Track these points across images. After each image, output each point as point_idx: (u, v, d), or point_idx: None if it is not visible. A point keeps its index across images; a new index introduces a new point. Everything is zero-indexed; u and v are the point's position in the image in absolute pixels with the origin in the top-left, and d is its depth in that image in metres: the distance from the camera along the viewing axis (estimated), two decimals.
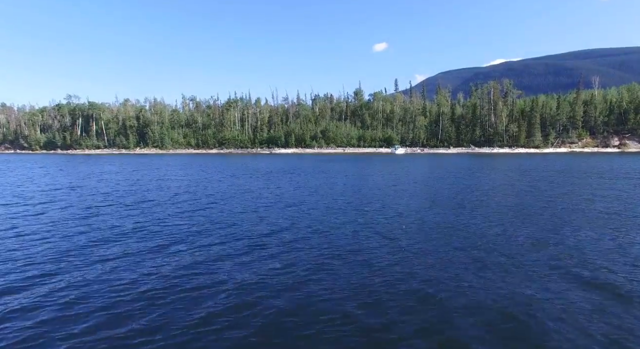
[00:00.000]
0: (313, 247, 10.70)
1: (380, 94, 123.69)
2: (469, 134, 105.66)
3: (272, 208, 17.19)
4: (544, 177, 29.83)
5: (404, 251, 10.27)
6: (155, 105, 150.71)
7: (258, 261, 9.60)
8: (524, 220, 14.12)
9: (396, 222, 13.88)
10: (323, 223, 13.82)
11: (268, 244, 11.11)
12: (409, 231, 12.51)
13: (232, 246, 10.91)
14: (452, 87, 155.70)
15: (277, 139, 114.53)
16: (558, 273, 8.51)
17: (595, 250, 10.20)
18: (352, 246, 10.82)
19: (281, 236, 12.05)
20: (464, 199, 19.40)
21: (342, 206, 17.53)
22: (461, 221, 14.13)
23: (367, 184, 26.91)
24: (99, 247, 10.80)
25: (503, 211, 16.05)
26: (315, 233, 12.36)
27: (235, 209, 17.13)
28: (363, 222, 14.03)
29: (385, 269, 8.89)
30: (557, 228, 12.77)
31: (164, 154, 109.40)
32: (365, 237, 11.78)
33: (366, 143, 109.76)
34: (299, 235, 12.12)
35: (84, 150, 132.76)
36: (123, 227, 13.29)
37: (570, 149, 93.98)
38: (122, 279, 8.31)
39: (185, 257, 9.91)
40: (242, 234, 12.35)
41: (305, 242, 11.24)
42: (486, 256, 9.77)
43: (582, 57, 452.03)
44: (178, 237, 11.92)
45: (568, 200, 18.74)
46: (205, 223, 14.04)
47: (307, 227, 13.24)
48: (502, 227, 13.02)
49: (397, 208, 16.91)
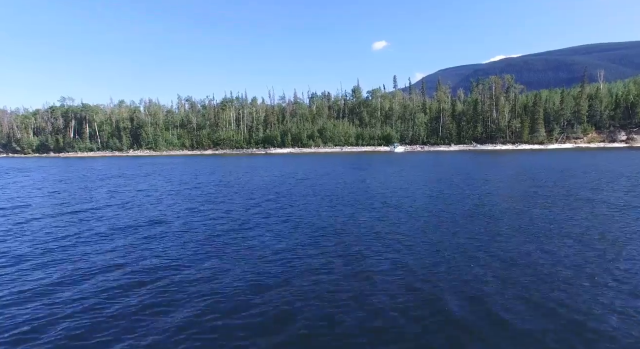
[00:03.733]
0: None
1: (379, 91, 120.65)
2: (471, 131, 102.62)
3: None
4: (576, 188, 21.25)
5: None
6: (150, 106, 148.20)
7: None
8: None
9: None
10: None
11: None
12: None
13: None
14: (452, 84, 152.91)
15: (273, 138, 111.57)
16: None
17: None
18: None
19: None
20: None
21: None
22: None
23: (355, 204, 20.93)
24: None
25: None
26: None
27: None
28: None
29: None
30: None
31: (157, 156, 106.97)
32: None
33: (364, 142, 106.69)
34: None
35: (76, 153, 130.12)
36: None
37: (575, 144, 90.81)
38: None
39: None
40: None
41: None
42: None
43: (582, 53, 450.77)
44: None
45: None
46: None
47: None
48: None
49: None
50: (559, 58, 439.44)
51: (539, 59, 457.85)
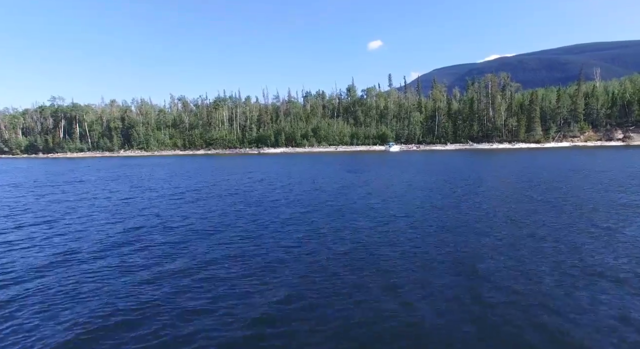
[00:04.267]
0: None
1: (374, 90, 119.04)
2: (467, 130, 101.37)
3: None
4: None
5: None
6: (142, 105, 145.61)
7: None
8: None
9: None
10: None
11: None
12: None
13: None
14: (447, 83, 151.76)
15: (266, 138, 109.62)
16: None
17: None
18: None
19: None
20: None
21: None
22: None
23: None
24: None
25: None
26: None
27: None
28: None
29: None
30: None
31: (148, 156, 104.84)
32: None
33: (359, 141, 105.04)
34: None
35: (66, 153, 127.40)
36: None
37: (572, 143, 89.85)
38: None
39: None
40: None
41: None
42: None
43: (576, 52, 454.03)
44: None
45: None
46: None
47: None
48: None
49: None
50: (553, 57, 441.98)
51: (533, 59, 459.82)
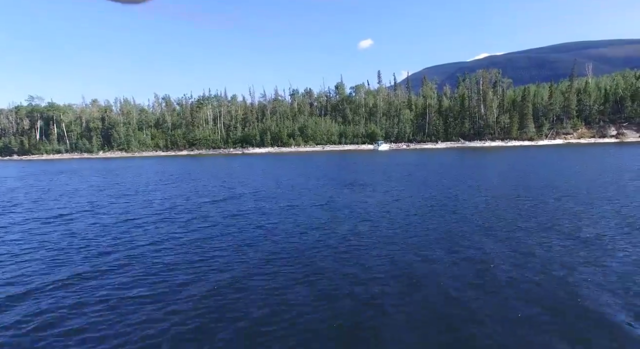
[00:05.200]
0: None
1: (363, 87, 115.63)
2: (458, 127, 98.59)
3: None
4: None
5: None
6: (125, 105, 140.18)
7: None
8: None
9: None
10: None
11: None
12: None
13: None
14: (437, 81, 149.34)
15: (251, 137, 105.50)
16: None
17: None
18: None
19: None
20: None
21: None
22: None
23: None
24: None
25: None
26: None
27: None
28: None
29: None
30: None
31: (128, 158, 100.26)
32: None
33: (348, 140, 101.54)
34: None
35: (42, 155, 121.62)
36: None
37: (566, 140, 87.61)
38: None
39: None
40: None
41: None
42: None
43: (563, 50, 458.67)
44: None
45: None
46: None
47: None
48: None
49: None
50: (541, 56, 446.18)
51: (522, 57, 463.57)
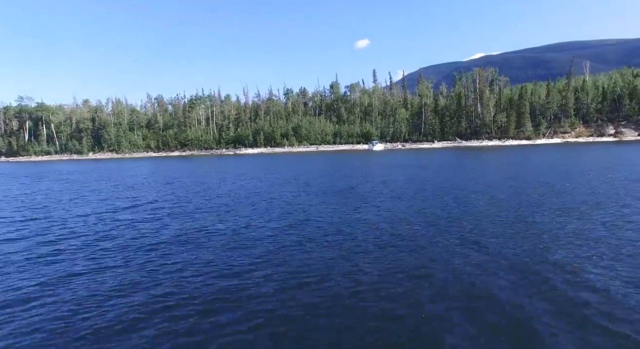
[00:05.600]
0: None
1: (358, 86, 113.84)
2: (454, 127, 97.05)
3: None
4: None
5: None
6: (117, 105, 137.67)
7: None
8: None
9: None
10: None
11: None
12: None
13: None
14: (434, 80, 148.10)
15: (244, 138, 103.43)
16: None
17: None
18: None
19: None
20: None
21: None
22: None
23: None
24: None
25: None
26: None
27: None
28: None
29: None
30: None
31: (118, 159, 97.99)
32: None
33: (342, 140, 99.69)
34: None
35: (31, 157, 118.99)
36: None
37: (563, 139, 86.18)
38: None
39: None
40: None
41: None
42: None
43: (558, 50, 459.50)
44: None
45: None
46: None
47: None
48: None
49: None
50: (536, 56, 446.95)
51: (518, 57, 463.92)
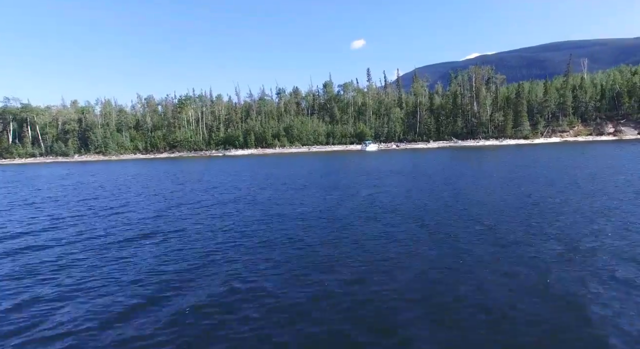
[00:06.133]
0: None
1: (351, 85, 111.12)
2: (450, 126, 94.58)
3: None
4: None
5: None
6: (105, 106, 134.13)
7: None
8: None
9: None
10: None
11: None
12: None
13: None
14: (430, 80, 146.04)
15: (234, 139, 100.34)
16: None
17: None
18: None
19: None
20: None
21: None
22: None
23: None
24: None
25: None
26: None
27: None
28: None
29: None
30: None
31: (106, 161, 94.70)
32: None
33: (336, 140, 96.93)
34: None
35: (14, 159, 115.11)
36: None
37: (562, 138, 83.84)
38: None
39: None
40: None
41: None
42: None
43: (553, 50, 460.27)
44: None
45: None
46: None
47: None
48: None
49: None
50: (531, 55, 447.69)
51: (513, 56, 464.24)
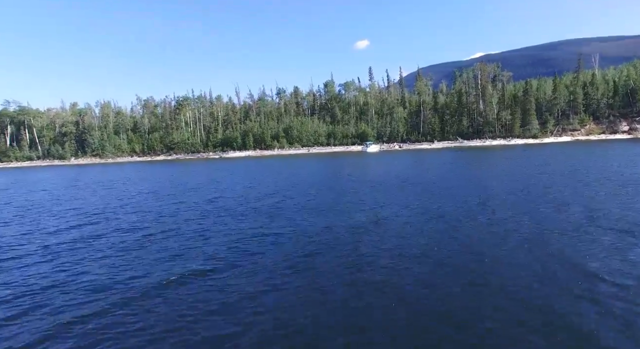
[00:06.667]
0: None
1: (352, 84, 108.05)
2: (455, 126, 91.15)
3: None
4: None
5: None
6: (104, 108, 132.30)
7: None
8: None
9: None
10: None
11: None
12: None
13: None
14: (433, 77, 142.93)
15: (232, 140, 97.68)
16: None
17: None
18: None
19: None
20: None
21: None
22: None
23: None
24: None
25: None
26: None
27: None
28: None
29: None
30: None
31: (102, 164, 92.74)
32: None
33: (337, 140, 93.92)
34: None
35: (10, 162, 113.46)
36: None
37: (573, 137, 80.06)
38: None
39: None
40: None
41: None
42: None
43: (559, 48, 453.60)
44: None
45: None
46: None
47: None
48: None
49: None
50: (536, 53, 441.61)
51: (518, 55, 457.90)
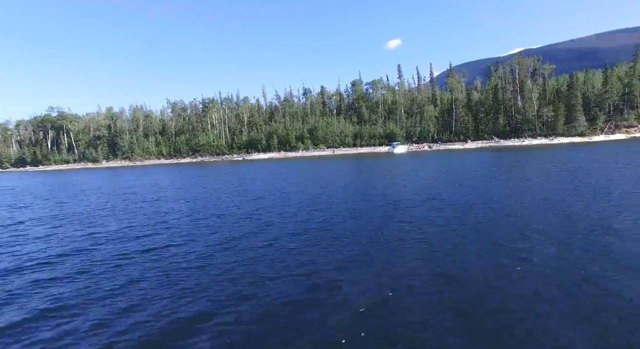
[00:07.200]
0: None
1: (380, 83, 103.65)
2: (491, 124, 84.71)
3: None
4: None
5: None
6: (135, 111, 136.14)
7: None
8: None
9: None
10: None
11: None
12: None
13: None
14: (466, 73, 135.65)
15: (257, 142, 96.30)
16: None
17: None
18: None
19: None
20: None
21: None
22: None
23: None
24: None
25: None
26: None
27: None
28: None
29: None
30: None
31: (131, 166, 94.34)
32: None
33: (364, 141, 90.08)
34: None
35: (50, 165, 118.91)
36: None
37: (629, 134, 71.67)
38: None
39: None
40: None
41: None
42: None
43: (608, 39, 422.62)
44: None
45: None
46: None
47: None
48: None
49: None
50: (582, 46, 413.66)
51: (561, 49, 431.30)
